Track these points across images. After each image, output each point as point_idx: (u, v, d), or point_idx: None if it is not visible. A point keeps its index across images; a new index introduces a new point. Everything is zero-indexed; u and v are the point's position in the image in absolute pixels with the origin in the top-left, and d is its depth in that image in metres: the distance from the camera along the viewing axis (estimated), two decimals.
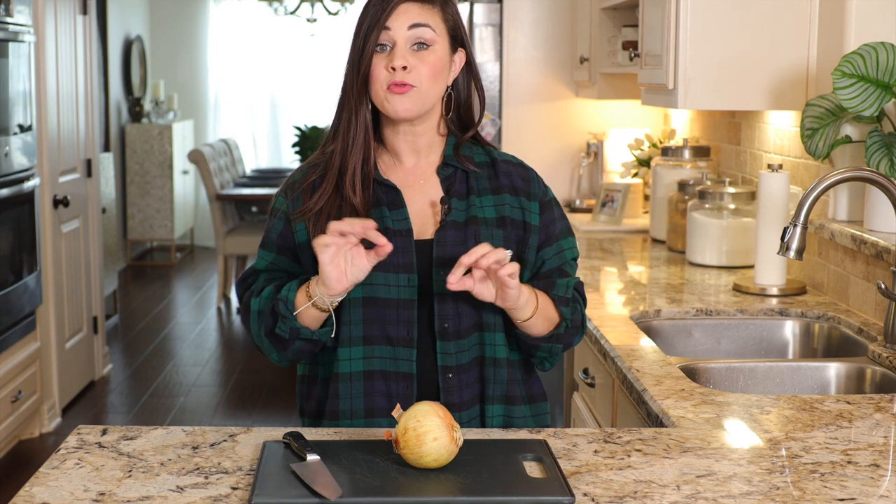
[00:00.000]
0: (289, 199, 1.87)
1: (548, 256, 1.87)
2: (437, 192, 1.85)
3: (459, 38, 1.85)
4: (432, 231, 1.82)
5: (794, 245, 2.24)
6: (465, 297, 1.79)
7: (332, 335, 1.79)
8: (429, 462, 1.52)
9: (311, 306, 1.74)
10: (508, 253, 1.67)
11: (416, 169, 1.87)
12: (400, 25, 1.77)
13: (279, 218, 1.87)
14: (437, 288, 1.79)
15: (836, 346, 2.59)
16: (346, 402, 1.82)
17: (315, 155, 1.90)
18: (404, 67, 1.76)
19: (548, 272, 1.86)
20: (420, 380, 1.81)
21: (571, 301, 1.84)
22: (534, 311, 1.77)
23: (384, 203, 1.83)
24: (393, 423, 1.80)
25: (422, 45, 1.78)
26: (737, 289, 2.90)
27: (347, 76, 1.83)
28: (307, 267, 1.84)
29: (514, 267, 1.68)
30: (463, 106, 1.89)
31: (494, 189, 1.86)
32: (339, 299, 1.74)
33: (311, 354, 1.83)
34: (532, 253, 1.85)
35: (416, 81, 1.77)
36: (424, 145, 1.86)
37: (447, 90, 1.85)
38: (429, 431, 1.51)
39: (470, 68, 1.88)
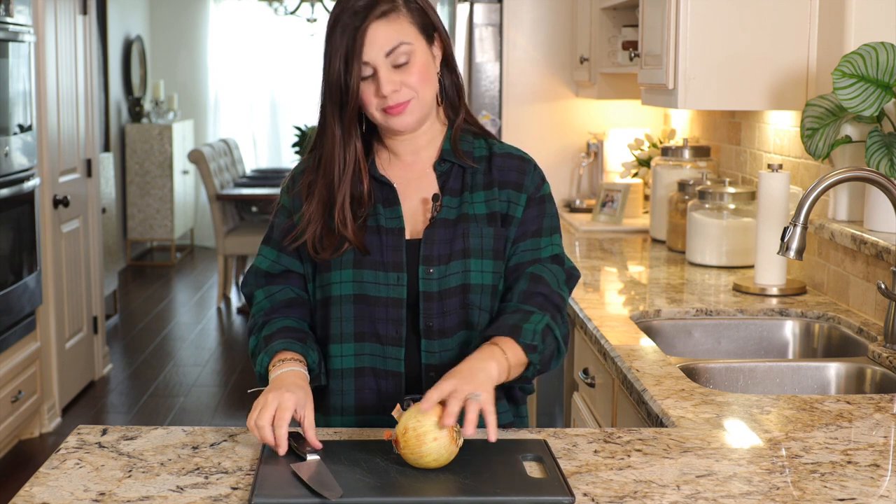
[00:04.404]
0: (290, 195, 1.87)
1: (522, 250, 1.83)
2: (433, 188, 1.84)
3: (431, 27, 1.80)
4: (423, 229, 1.81)
5: (794, 245, 2.24)
6: (451, 296, 1.78)
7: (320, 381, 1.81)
8: (429, 462, 1.52)
9: None
10: (477, 395, 1.57)
11: (414, 165, 1.86)
12: (376, 54, 1.74)
13: (282, 214, 1.88)
14: (424, 286, 1.78)
15: (836, 346, 2.59)
16: (338, 398, 1.82)
17: (311, 155, 1.88)
18: (395, 91, 1.75)
19: (517, 265, 1.82)
20: (407, 377, 1.81)
21: (542, 341, 1.75)
22: (506, 377, 1.70)
23: (379, 200, 1.82)
24: (385, 419, 1.80)
25: (402, 63, 1.75)
26: (737, 289, 2.90)
27: (327, 106, 1.79)
28: (307, 266, 1.85)
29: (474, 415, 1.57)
30: (448, 93, 1.86)
31: (486, 184, 1.84)
32: None
33: None
34: (508, 245, 1.83)
35: (409, 95, 1.76)
36: (425, 142, 1.85)
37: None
38: (429, 431, 1.51)
39: (445, 55, 1.84)
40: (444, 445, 1.52)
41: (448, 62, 1.85)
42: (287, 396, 1.62)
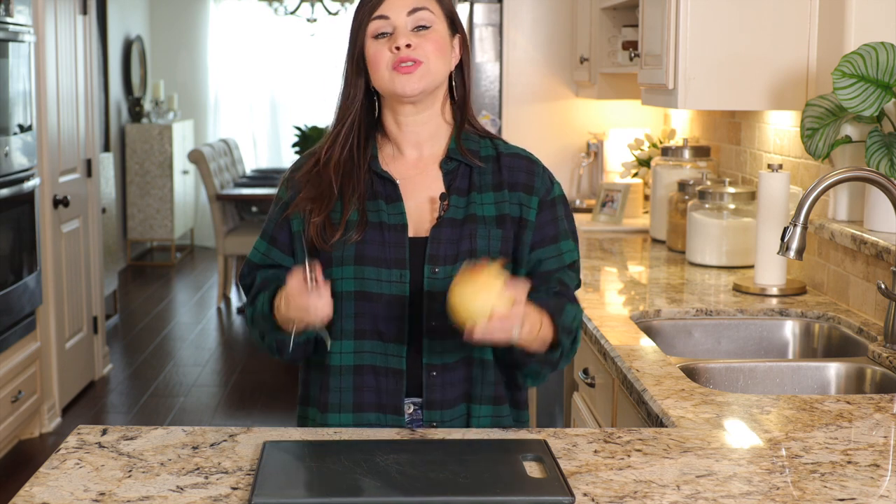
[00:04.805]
0: (289, 188, 1.87)
1: (546, 257, 1.83)
2: (439, 187, 1.84)
3: (456, 24, 1.85)
4: (429, 227, 1.81)
5: (794, 245, 2.24)
6: None
7: (326, 332, 1.79)
8: (473, 309, 1.58)
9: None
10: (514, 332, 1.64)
11: (418, 162, 1.86)
12: (398, 12, 1.78)
13: (279, 207, 1.88)
14: (429, 285, 1.78)
15: (836, 346, 2.59)
16: (336, 395, 1.82)
17: (319, 144, 1.90)
18: (408, 45, 1.76)
19: (546, 272, 1.83)
20: (408, 376, 1.81)
21: (577, 330, 1.81)
22: (531, 335, 1.71)
23: (381, 196, 1.82)
24: (382, 418, 1.80)
25: (422, 27, 1.79)
26: (737, 289, 2.90)
27: (345, 67, 1.84)
28: (298, 259, 1.85)
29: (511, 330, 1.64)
30: (457, 92, 1.88)
31: (496, 185, 1.84)
32: None
33: (310, 352, 1.84)
34: (525, 250, 1.83)
35: (422, 57, 1.77)
36: (427, 136, 1.85)
37: (450, 75, 1.85)
38: (490, 303, 1.57)
39: (462, 55, 1.87)
40: (494, 305, 1.57)
41: (463, 67, 1.87)
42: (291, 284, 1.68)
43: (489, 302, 1.57)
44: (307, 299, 1.66)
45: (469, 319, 1.59)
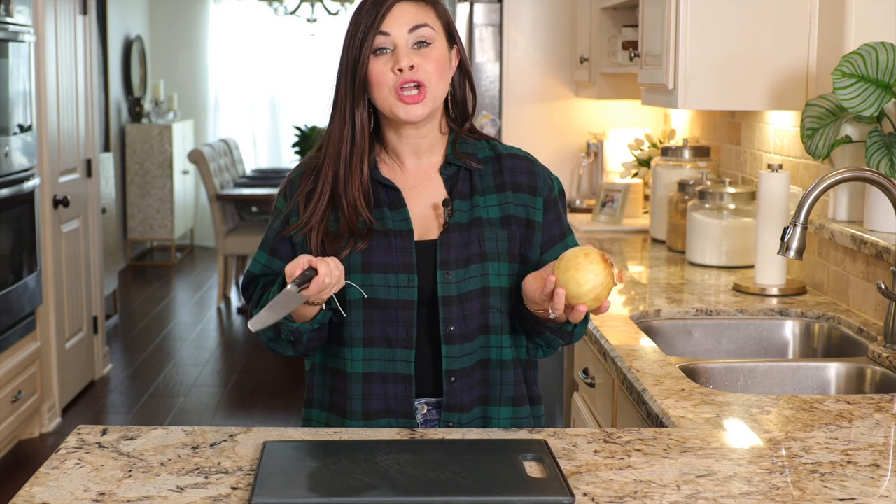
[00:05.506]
0: (288, 201, 1.86)
1: (559, 254, 1.85)
2: (440, 193, 1.84)
3: (453, 35, 1.84)
4: (436, 233, 1.81)
5: (794, 245, 2.24)
6: (472, 299, 1.78)
7: (338, 308, 1.77)
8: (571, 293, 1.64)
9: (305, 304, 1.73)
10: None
11: (417, 170, 1.86)
12: (399, 28, 1.76)
13: (278, 218, 1.87)
14: (443, 290, 1.78)
15: (836, 346, 2.59)
16: (346, 401, 1.82)
17: (312, 154, 1.89)
18: (411, 67, 1.75)
19: None
20: (418, 382, 1.80)
21: None
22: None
23: (385, 203, 1.82)
24: (393, 423, 1.80)
25: (423, 43, 1.77)
26: (737, 289, 2.90)
27: (341, 82, 1.81)
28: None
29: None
30: (458, 101, 1.88)
31: (498, 187, 1.84)
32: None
33: (323, 341, 1.82)
34: (536, 251, 1.84)
35: (425, 79, 1.75)
36: (426, 146, 1.85)
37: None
38: (591, 276, 1.64)
39: (462, 64, 1.87)
40: (602, 283, 1.66)
41: (465, 74, 1.87)
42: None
43: (597, 287, 1.65)
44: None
45: (574, 299, 1.65)
